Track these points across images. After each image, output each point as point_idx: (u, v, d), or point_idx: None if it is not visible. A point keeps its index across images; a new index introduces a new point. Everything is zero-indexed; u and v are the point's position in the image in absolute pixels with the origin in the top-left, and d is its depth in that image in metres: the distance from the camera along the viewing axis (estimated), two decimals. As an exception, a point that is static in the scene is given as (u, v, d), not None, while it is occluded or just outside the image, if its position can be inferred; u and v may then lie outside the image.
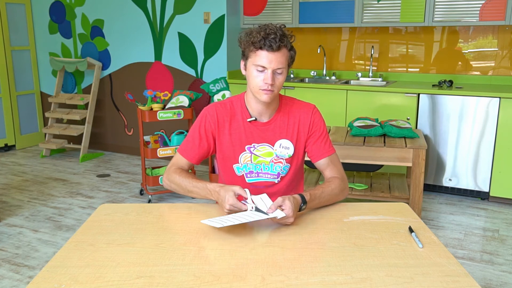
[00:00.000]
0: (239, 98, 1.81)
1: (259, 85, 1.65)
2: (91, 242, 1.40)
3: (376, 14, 4.13)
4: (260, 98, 1.68)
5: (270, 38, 1.59)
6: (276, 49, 1.60)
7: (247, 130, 1.77)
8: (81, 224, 2.77)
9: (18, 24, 5.36)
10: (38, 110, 5.68)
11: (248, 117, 1.77)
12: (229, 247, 1.36)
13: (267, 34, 1.60)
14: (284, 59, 1.64)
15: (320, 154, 1.81)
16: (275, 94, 1.69)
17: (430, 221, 3.41)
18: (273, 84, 1.64)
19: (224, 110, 1.79)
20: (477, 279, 2.58)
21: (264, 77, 1.63)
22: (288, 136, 1.79)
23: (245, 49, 1.67)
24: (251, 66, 1.66)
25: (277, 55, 1.61)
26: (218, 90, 3.79)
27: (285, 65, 1.65)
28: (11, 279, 2.61)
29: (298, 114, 1.80)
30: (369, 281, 1.18)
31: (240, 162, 1.79)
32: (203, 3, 4.53)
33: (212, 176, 3.75)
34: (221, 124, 1.78)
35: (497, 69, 4.07)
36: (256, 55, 1.63)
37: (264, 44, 1.60)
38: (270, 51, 1.60)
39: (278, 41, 1.59)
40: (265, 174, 1.80)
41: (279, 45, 1.60)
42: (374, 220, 1.56)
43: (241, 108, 1.79)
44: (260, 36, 1.60)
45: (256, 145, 1.78)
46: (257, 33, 1.62)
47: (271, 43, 1.59)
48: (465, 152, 3.76)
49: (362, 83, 4.35)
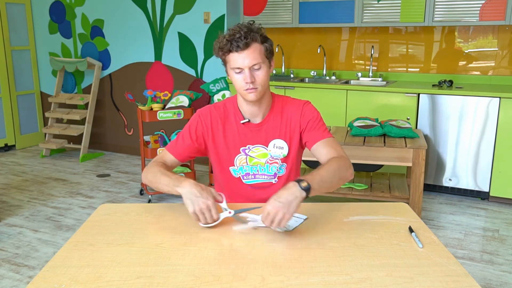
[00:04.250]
0: (232, 101, 1.80)
1: (241, 86, 1.64)
2: (91, 242, 1.39)
3: (376, 14, 4.12)
4: (247, 98, 1.67)
5: (236, 38, 1.58)
6: (245, 47, 1.59)
7: (241, 132, 1.76)
8: (81, 224, 2.77)
9: (18, 24, 5.36)
10: (38, 110, 5.68)
11: (241, 119, 1.76)
12: (229, 247, 1.36)
13: (231, 35, 1.59)
14: (257, 53, 1.61)
15: (314, 138, 1.73)
16: (261, 91, 1.66)
17: (430, 221, 3.41)
18: (253, 82, 1.62)
19: (217, 113, 1.78)
20: (477, 279, 2.58)
21: (243, 77, 1.62)
22: (281, 136, 1.77)
23: (221, 57, 1.67)
24: (230, 70, 1.66)
25: (247, 53, 1.59)
26: (218, 90, 3.79)
27: (261, 60, 1.62)
28: (11, 279, 2.61)
29: (290, 112, 1.78)
30: (369, 281, 1.18)
31: (236, 164, 1.78)
32: (203, 3, 4.53)
33: (212, 176, 3.75)
34: (214, 127, 1.77)
35: (497, 69, 4.07)
36: (230, 59, 1.62)
37: (232, 46, 1.59)
38: (239, 51, 1.59)
39: (243, 39, 1.58)
40: (262, 175, 1.79)
41: (245, 42, 1.58)
42: (374, 220, 1.56)
43: (234, 110, 1.78)
44: (225, 40, 1.60)
45: (250, 146, 1.77)
46: (223, 38, 1.62)
47: (238, 43, 1.58)
48: (465, 152, 3.76)
49: (362, 83, 4.35)
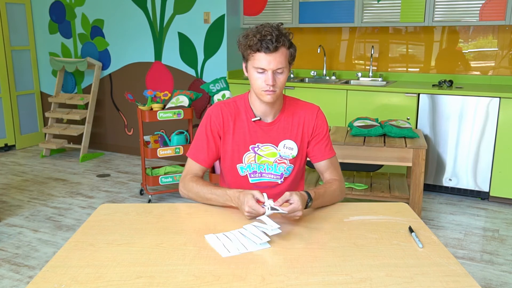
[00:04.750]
0: (243, 98, 1.81)
1: (261, 87, 1.65)
2: (91, 242, 1.39)
3: (376, 14, 4.12)
4: (263, 99, 1.68)
5: (267, 40, 1.58)
6: (274, 50, 1.60)
7: (251, 130, 1.77)
8: (81, 224, 2.77)
9: (18, 24, 5.36)
10: (38, 110, 5.68)
11: (252, 116, 1.77)
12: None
13: (263, 36, 1.59)
14: (283, 58, 1.63)
15: (321, 156, 1.82)
16: (278, 94, 1.68)
17: (430, 221, 3.41)
18: (274, 85, 1.63)
19: (228, 110, 1.78)
20: (477, 279, 2.58)
21: (265, 79, 1.63)
22: (292, 137, 1.79)
23: (244, 52, 1.67)
24: (251, 68, 1.66)
25: (275, 56, 1.61)
26: (218, 90, 3.79)
27: (285, 65, 1.64)
28: (11, 279, 2.61)
29: (303, 115, 1.80)
30: (369, 281, 1.18)
31: (244, 162, 1.79)
32: (203, 3, 4.53)
33: (212, 176, 3.75)
34: (226, 124, 1.77)
35: (497, 69, 4.07)
36: (255, 58, 1.63)
37: (261, 46, 1.59)
38: (267, 53, 1.60)
39: (274, 42, 1.58)
40: (269, 174, 1.80)
41: (275, 45, 1.59)
42: (374, 220, 1.56)
43: (245, 108, 1.79)
44: (256, 39, 1.60)
45: (260, 145, 1.78)
46: (253, 36, 1.61)
47: (268, 45, 1.58)
48: (465, 152, 3.76)
49: (362, 83, 4.35)
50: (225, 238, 1.41)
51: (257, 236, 1.38)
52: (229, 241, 1.39)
